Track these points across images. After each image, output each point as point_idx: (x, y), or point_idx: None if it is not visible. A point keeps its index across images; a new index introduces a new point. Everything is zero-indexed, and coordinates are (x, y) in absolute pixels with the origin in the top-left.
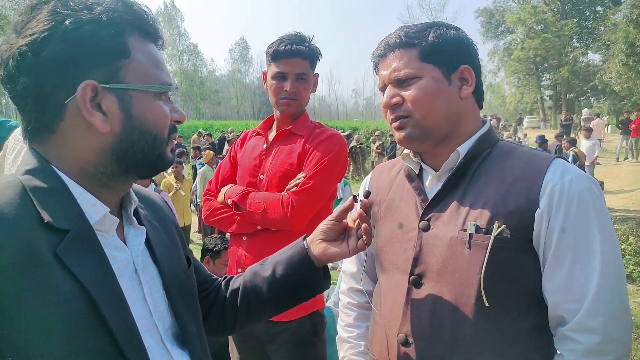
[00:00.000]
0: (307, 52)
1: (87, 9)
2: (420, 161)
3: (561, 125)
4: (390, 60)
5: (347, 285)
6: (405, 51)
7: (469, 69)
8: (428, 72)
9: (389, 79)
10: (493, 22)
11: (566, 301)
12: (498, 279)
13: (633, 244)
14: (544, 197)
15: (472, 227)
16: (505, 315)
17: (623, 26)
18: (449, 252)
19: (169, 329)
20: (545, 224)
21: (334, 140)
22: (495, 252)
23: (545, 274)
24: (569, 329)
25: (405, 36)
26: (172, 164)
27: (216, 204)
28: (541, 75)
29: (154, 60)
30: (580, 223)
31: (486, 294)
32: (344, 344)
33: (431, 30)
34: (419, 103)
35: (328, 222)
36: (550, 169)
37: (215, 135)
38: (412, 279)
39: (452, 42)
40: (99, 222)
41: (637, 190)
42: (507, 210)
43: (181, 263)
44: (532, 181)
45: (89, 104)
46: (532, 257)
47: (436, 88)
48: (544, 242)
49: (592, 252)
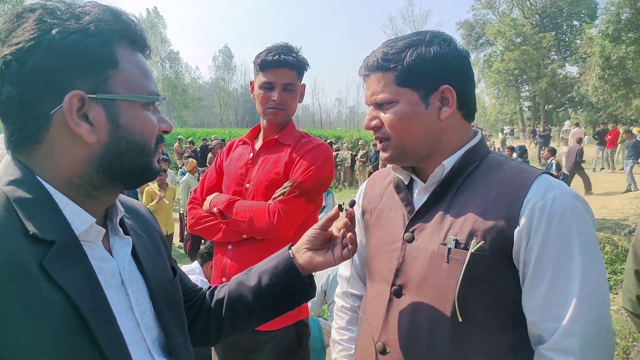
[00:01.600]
0: (295, 62)
1: (74, 19)
2: (410, 172)
3: (540, 135)
4: (371, 82)
5: (342, 289)
6: (382, 74)
7: (449, 89)
8: (404, 96)
9: (370, 100)
10: (473, 35)
11: (544, 320)
12: (474, 294)
13: (609, 252)
14: (524, 214)
15: (451, 241)
16: (482, 330)
17: (599, 40)
18: (429, 265)
19: (156, 340)
20: (524, 242)
21: (321, 150)
22: (472, 268)
23: (525, 292)
24: (545, 348)
25: (382, 59)
26: (159, 174)
27: (201, 212)
28: (520, 87)
29: (142, 70)
30: (561, 242)
31: (461, 309)
32: (336, 345)
33: (408, 51)
34: (395, 127)
35: (313, 230)
36: (534, 185)
37: (197, 143)
38: (394, 289)
39: (432, 63)
40: (84, 232)
41: (611, 195)
42: (487, 226)
43: (167, 273)
44: (514, 197)
45: (75, 114)
46: (512, 274)
47: (412, 112)
48: (524, 259)
49: (571, 272)
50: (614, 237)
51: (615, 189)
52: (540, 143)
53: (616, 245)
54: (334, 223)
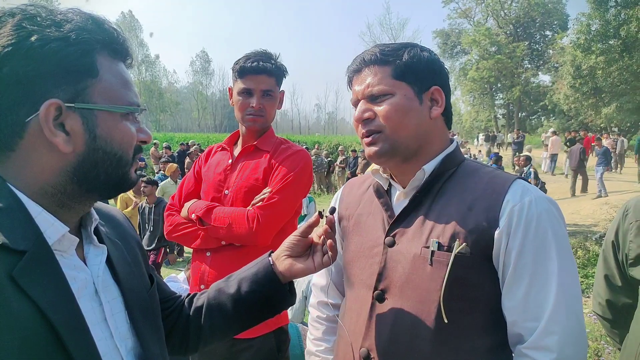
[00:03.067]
0: (273, 69)
1: (55, 26)
2: (389, 177)
3: (514, 142)
4: (365, 76)
5: (317, 298)
6: (379, 68)
7: (439, 90)
8: (401, 89)
9: (363, 94)
10: (449, 43)
11: (524, 320)
12: (457, 296)
13: (581, 257)
14: (503, 217)
15: (434, 244)
16: (463, 332)
17: (570, 50)
18: (412, 269)
19: (131, 350)
20: (504, 244)
21: (300, 156)
22: (456, 269)
23: (504, 293)
24: (525, 347)
25: (380, 53)
26: (136, 184)
27: (179, 219)
28: (495, 95)
29: (122, 80)
30: (538, 244)
31: (445, 311)
32: (312, 357)
33: (406, 50)
34: (390, 118)
35: (294, 237)
36: (510, 189)
37: (174, 147)
38: (376, 294)
39: (425, 63)
40: (57, 242)
41: (583, 201)
42: (468, 228)
43: (143, 282)
44: (492, 201)
45: (51, 123)
46: (492, 275)
47: (407, 105)
48: (503, 261)
49: (549, 273)
50: (586, 242)
51: (587, 195)
52: (514, 149)
53: (588, 250)
54: (314, 230)
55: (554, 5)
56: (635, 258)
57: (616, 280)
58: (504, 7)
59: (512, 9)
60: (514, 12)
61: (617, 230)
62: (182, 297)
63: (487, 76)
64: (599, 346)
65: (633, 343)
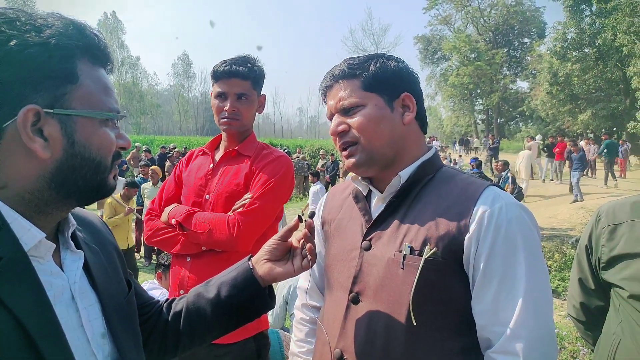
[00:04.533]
0: (247, 72)
1: (35, 31)
2: (368, 183)
3: (489, 148)
4: (336, 91)
5: (301, 301)
6: (348, 82)
7: (409, 96)
8: (371, 100)
9: (335, 108)
10: (430, 49)
11: (492, 324)
12: (428, 299)
13: (558, 260)
14: (473, 222)
15: (406, 248)
16: (435, 334)
17: (547, 57)
18: (386, 272)
19: (108, 356)
20: (474, 248)
21: (281, 162)
22: (426, 273)
23: (474, 297)
24: (493, 351)
25: (348, 68)
26: (114, 190)
27: (159, 223)
28: (475, 101)
29: (102, 86)
30: (507, 250)
31: (415, 314)
32: (295, 358)
33: (372, 61)
34: (364, 129)
35: (273, 241)
36: (482, 196)
37: (155, 150)
38: (351, 297)
39: (392, 72)
40: (33, 248)
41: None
42: (440, 233)
43: (121, 287)
44: (464, 207)
45: (29, 129)
46: (463, 280)
47: (379, 115)
48: (473, 265)
49: (517, 279)
50: (563, 246)
51: (563, 199)
52: (490, 155)
53: (564, 254)
54: (293, 234)
55: (532, 14)
56: (607, 262)
57: (589, 283)
58: (483, 14)
59: (492, 16)
60: (493, 20)
61: (590, 235)
62: (160, 302)
63: (467, 82)
64: (575, 348)
65: (606, 344)
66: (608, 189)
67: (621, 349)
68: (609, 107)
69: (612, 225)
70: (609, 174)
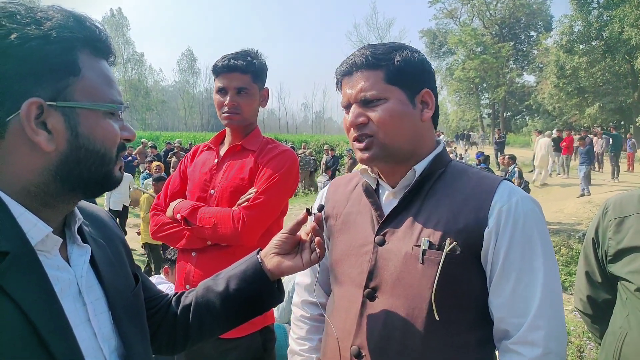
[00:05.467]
0: (246, 66)
1: (35, 24)
2: (377, 177)
3: (495, 142)
4: (357, 80)
5: (300, 297)
6: (371, 72)
7: (429, 92)
8: (394, 94)
9: (355, 98)
10: (436, 43)
11: (511, 316)
12: (447, 293)
13: (565, 254)
14: (492, 216)
15: (425, 243)
16: (453, 328)
17: (554, 50)
18: (403, 267)
19: (115, 350)
20: (493, 242)
21: (286, 156)
22: (446, 267)
23: (492, 290)
24: (512, 342)
25: (372, 57)
26: (120, 182)
27: (164, 218)
28: (481, 95)
29: (105, 77)
30: (525, 243)
31: (437, 308)
32: (296, 356)
33: (397, 52)
34: (385, 124)
35: (282, 235)
36: (498, 190)
37: (161, 147)
38: (367, 292)
39: (416, 66)
40: (40, 242)
41: (566, 200)
42: (458, 227)
43: (128, 281)
44: (481, 201)
45: (33, 122)
46: (480, 274)
47: (402, 111)
48: (492, 259)
49: (535, 271)
50: (569, 240)
51: (570, 193)
52: (496, 149)
53: (571, 248)
54: (302, 228)
55: (538, 6)
56: (614, 255)
57: (596, 276)
58: (489, 7)
59: (498, 9)
60: (499, 13)
61: (597, 228)
62: (169, 296)
63: (473, 76)
64: (582, 342)
65: (612, 338)
66: (615, 183)
67: (628, 342)
68: (617, 100)
69: (619, 218)
70: (615, 167)
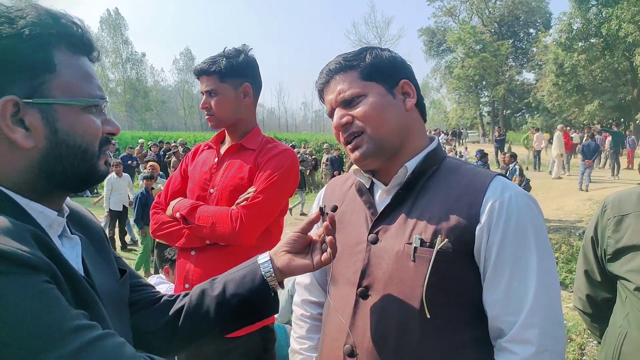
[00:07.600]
0: (208, 68)
1: (8, 23)
2: (371, 176)
3: (495, 140)
4: (334, 85)
5: (301, 297)
6: (346, 74)
7: (408, 82)
8: (372, 89)
9: (336, 101)
10: (435, 41)
11: (504, 314)
12: (440, 291)
13: (565, 252)
14: (484, 212)
15: (417, 240)
16: (448, 326)
17: (553, 48)
18: (395, 265)
19: None
20: (485, 239)
21: (286, 155)
22: (438, 265)
23: (485, 288)
24: (506, 341)
25: (344, 61)
26: (106, 176)
27: (164, 217)
28: (480, 93)
29: (83, 73)
30: (518, 239)
31: (429, 306)
32: (296, 355)
33: (367, 52)
34: (369, 118)
35: (294, 234)
36: (491, 186)
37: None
38: (360, 291)
39: (388, 61)
40: (47, 227)
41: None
42: (450, 225)
43: (112, 270)
44: (474, 197)
45: (9, 120)
46: (473, 271)
47: (383, 102)
48: (484, 256)
49: (529, 267)
50: (570, 237)
51: (570, 190)
52: (496, 147)
53: (572, 246)
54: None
55: (537, 4)
56: (613, 254)
57: (596, 275)
58: (488, 5)
59: (497, 7)
60: (498, 11)
61: (596, 226)
62: (164, 296)
63: (472, 74)
64: (583, 341)
65: (612, 337)
66: (615, 180)
67: (627, 341)
68: (616, 97)
69: (618, 216)
70: (615, 164)
